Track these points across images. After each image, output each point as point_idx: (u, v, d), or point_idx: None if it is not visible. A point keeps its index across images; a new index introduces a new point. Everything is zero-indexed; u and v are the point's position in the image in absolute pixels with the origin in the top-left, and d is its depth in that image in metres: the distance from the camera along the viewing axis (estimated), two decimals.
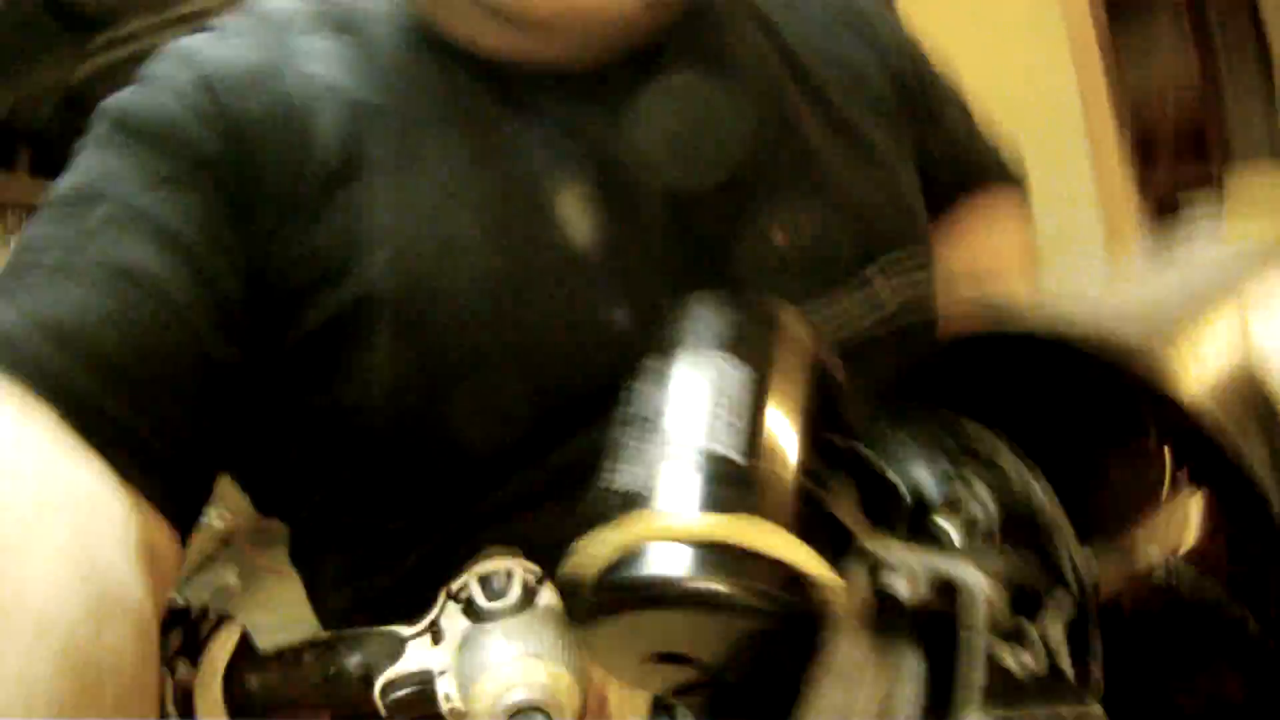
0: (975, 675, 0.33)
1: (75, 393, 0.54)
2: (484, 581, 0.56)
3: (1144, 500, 0.39)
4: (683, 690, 0.41)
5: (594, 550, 0.38)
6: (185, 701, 0.52)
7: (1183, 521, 0.38)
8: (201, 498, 0.63)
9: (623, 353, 0.46)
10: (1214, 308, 0.41)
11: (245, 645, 0.57)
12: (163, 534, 0.56)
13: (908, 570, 0.37)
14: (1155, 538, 0.38)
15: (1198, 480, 0.38)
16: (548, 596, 0.56)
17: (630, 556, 0.37)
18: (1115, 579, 0.37)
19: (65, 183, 0.63)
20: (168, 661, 0.53)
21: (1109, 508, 0.39)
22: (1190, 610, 0.37)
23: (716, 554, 0.36)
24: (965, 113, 0.94)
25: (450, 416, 0.64)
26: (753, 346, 0.43)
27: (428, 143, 0.67)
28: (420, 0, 0.71)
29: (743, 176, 0.71)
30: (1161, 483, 0.38)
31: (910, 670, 0.36)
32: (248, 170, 0.64)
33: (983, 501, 0.38)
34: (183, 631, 0.55)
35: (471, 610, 0.55)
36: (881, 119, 0.80)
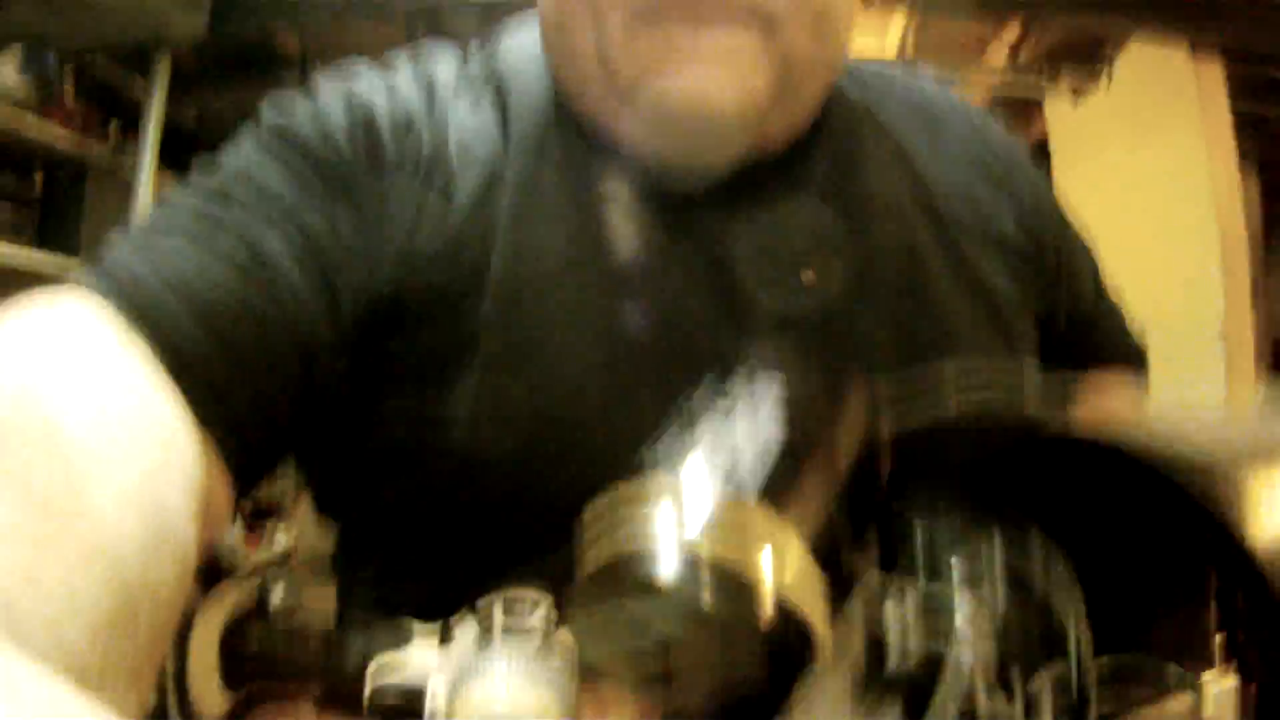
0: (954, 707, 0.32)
1: (176, 335, 0.56)
2: (508, 603, 0.55)
3: (1190, 643, 0.37)
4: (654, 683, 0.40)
5: (605, 518, 0.38)
6: (185, 625, 0.52)
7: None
8: (264, 470, 0.65)
9: (701, 417, 0.47)
10: None
11: (260, 600, 0.57)
12: (221, 488, 0.57)
13: (901, 632, 0.36)
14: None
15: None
16: (563, 641, 0.56)
17: (640, 561, 0.38)
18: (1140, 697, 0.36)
19: (222, 161, 0.68)
20: None
21: (1156, 635, 0.38)
22: None
23: (724, 575, 0.36)
24: (1109, 303, 0.93)
25: (519, 471, 0.66)
26: (800, 403, 0.44)
27: (549, 210, 0.70)
28: (563, 77, 0.74)
29: (855, 306, 0.72)
30: (1206, 633, 0.37)
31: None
32: (385, 202, 0.67)
33: (994, 564, 0.37)
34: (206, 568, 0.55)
35: (486, 629, 0.54)
36: (1009, 270, 0.79)
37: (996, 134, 0.88)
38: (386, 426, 0.69)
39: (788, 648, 0.35)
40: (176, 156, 2.73)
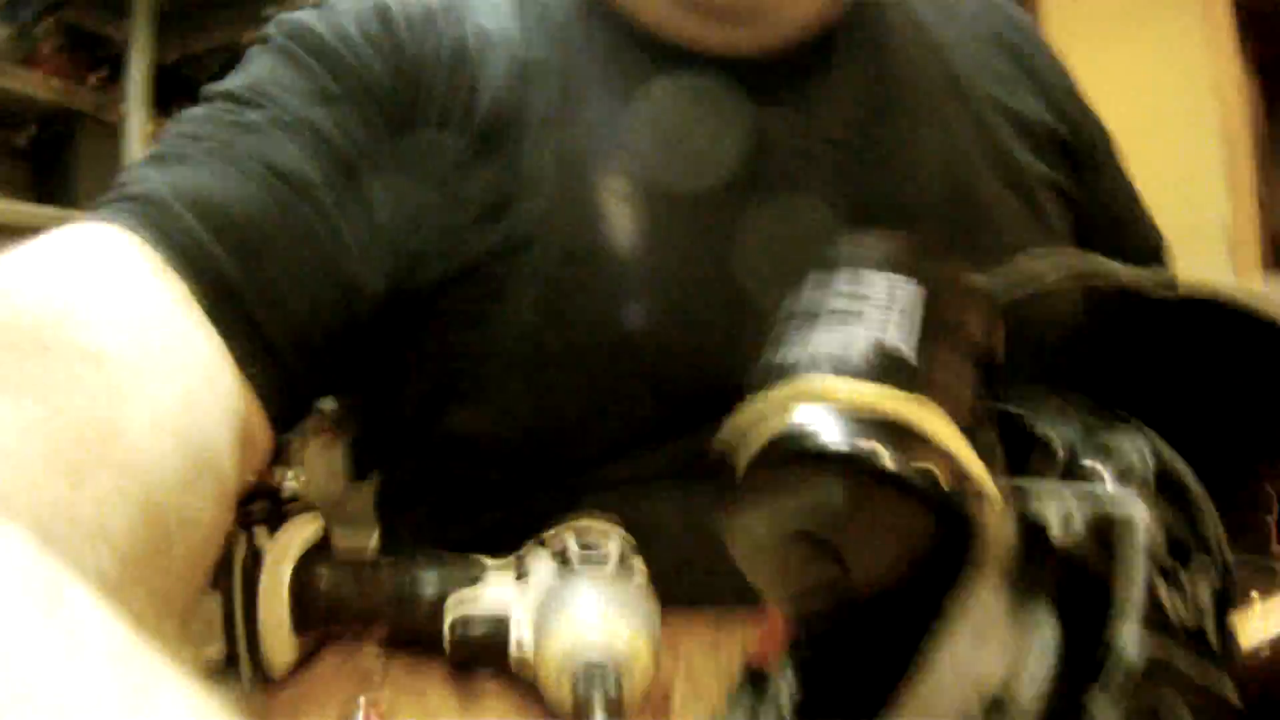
0: (1137, 596, 0.30)
1: (210, 268, 0.53)
2: (581, 539, 0.53)
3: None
4: (810, 595, 0.37)
5: (753, 411, 0.35)
6: (253, 565, 0.50)
7: None
8: (304, 406, 0.62)
9: (761, 323, 0.44)
10: None
11: (324, 543, 0.55)
12: (259, 423, 0.55)
13: (1062, 506, 0.33)
14: None
15: None
16: (640, 567, 0.54)
17: (799, 417, 0.34)
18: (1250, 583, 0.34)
19: (231, 82, 0.63)
20: (247, 524, 0.51)
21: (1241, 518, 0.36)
22: None
23: (885, 427, 0.33)
24: (1127, 183, 0.89)
25: (580, 372, 0.63)
26: (923, 271, 0.41)
27: (589, 103, 0.67)
28: None
29: (894, 188, 0.70)
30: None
31: (1045, 638, 0.33)
32: (411, 103, 0.64)
33: (1139, 450, 0.34)
34: (268, 503, 0.53)
35: (563, 559, 0.52)
36: (1036, 149, 0.77)
37: (1015, 14, 0.85)
38: (439, 342, 0.65)
39: (957, 527, 0.33)
40: (166, 99, 2.70)
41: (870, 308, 0.37)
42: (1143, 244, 0.89)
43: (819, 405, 0.33)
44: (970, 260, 0.58)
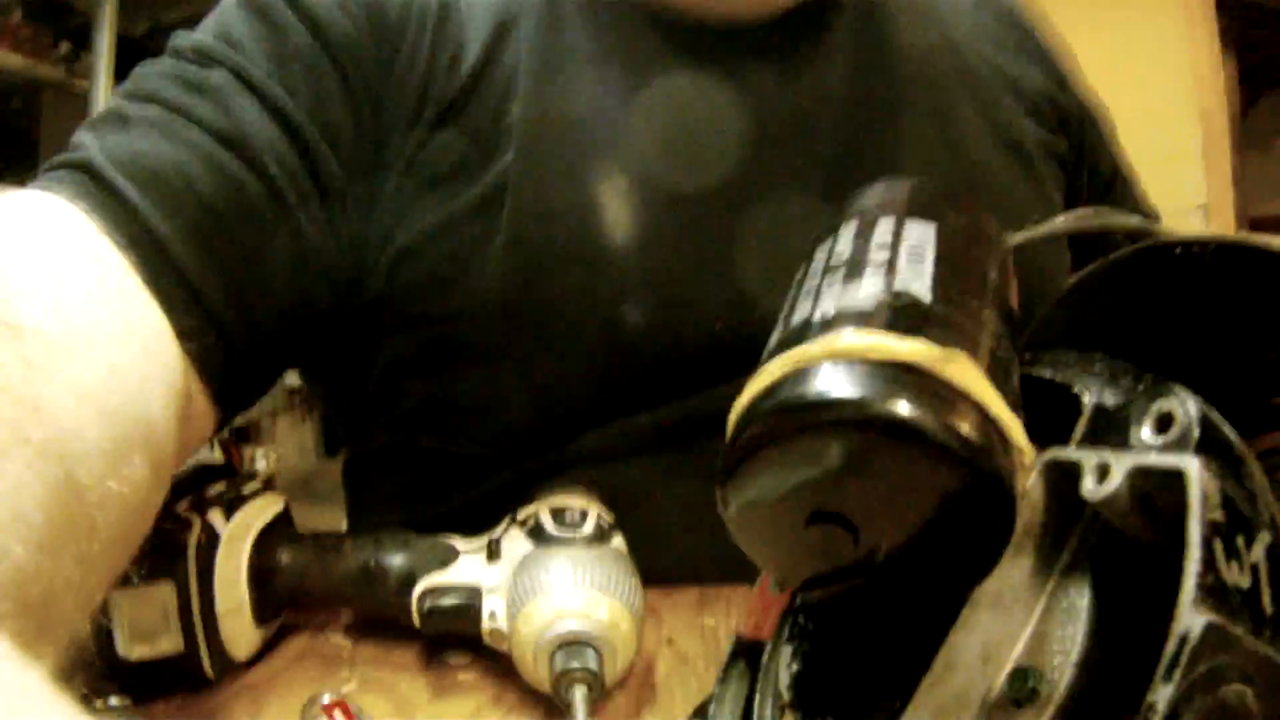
0: (1197, 566, 0.27)
1: (149, 239, 0.51)
2: (555, 512, 0.51)
3: None
4: (829, 579, 0.34)
5: (765, 374, 0.32)
6: (209, 549, 0.47)
7: None
8: (259, 379, 0.59)
9: (751, 307, 0.42)
10: None
11: (284, 520, 0.52)
12: (201, 397, 0.52)
13: (1098, 460, 0.30)
14: None
15: None
16: (619, 541, 0.51)
17: (808, 375, 0.31)
18: None
19: (190, 38, 0.61)
20: (201, 506, 0.48)
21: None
22: None
23: (911, 379, 0.30)
24: (1122, 156, 0.90)
25: (556, 324, 0.61)
26: (943, 215, 0.38)
27: (569, 59, 0.66)
28: None
29: (894, 150, 0.68)
30: None
31: (1075, 604, 0.31)
32: (387, 62, 0.62)
33: (1187, 412, 0.31)
34: (225, 485, 0.50)
35: (538, 534, 0.50)
36: (1035, 117, 0.77)
37: None
38: (409, 307, 0.63)
39: (986, 503, 0.29)
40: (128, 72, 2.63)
41: (900, 257, 0.34)
42: (1137, 211, 0.87)
43: (838, 363, 0.30)
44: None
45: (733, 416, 0.32)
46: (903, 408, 0.29)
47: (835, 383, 0.30)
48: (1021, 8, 0.83)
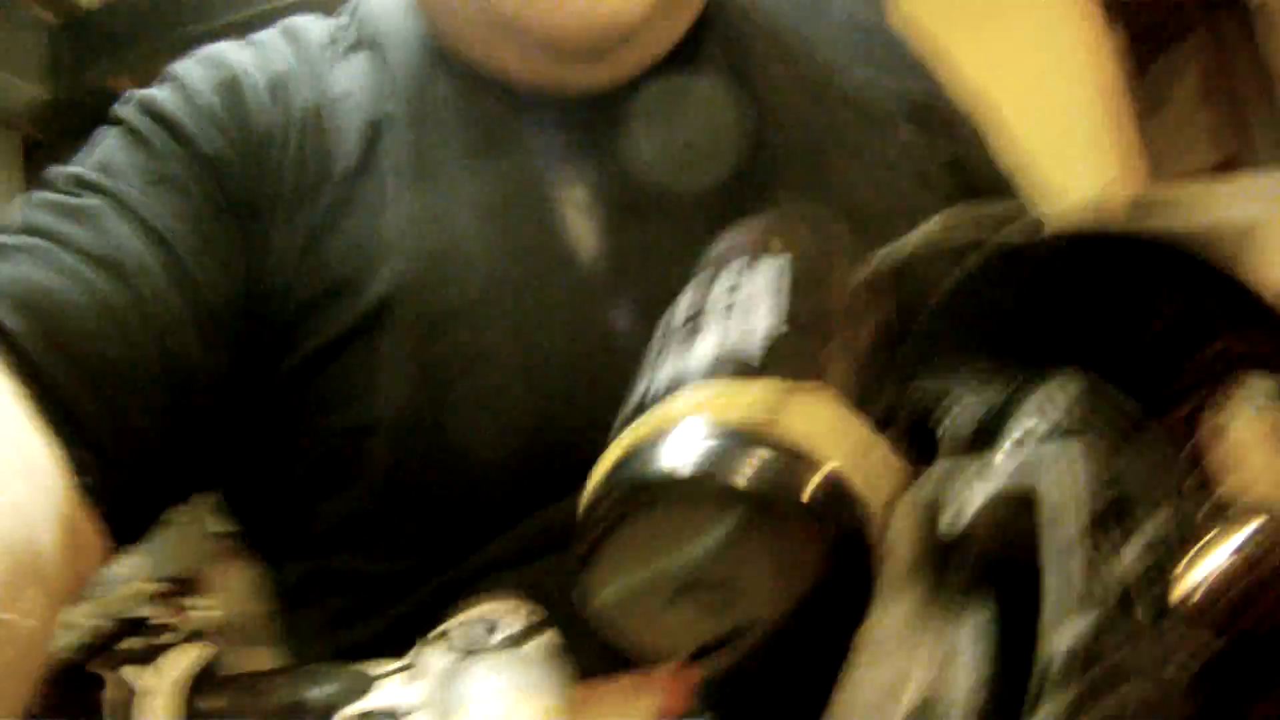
0: (1068, 587, 0.28)
1: (33, 367, 0.52)
2: (471, 623, 0.51)
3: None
4: (715, 649, 0.34)
5: (607, 458, 0.33)
6: (126, 706, 0.47)
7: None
8: (146, 513, 0.61)
9: (627, 362, 0.42)
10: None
11: (207, 669, 0.52)
12: (89, 526, 0.53)
13: (957, 493, 0.31)
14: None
15: None
16: (544, 638, 0.51)
17: (644, 453, 0.31)
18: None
19: (75, 165, 0.64)
20: (115, 664, 0.48)
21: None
22: None
23: (748, 443, 0.30)
24: (1000, 151, 0.89)
25: (458, 431, 0.61)
26: (783, 242, 0.39)
27: (440, 153, 0.67)
28: (439, 23, 0.71)
29: (753, 189, 0.69)
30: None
31: (974, 628, 0.31)
32: (258, 176, 0.64)
33: (1069, 400, 0.33)
34: (140, 639, 0.50)
35: (457, 647, 0.50)
36: (921, 138, 0.78)
37: (878, 5, 0.87)
38: (313, 424, 0.64)
39: (851, 547, 0.30)
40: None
41: (741, 305, 0.35)
42: None
43: (674, 435, 0.31)
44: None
45: (581, 508, 0.33)
46: (739, 479, 0.29)
47: (670, 458, 0.30)
48: (889, 23, 0.85)
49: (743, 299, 0.36)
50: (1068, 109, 3.17)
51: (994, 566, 0.32)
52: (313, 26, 0.73)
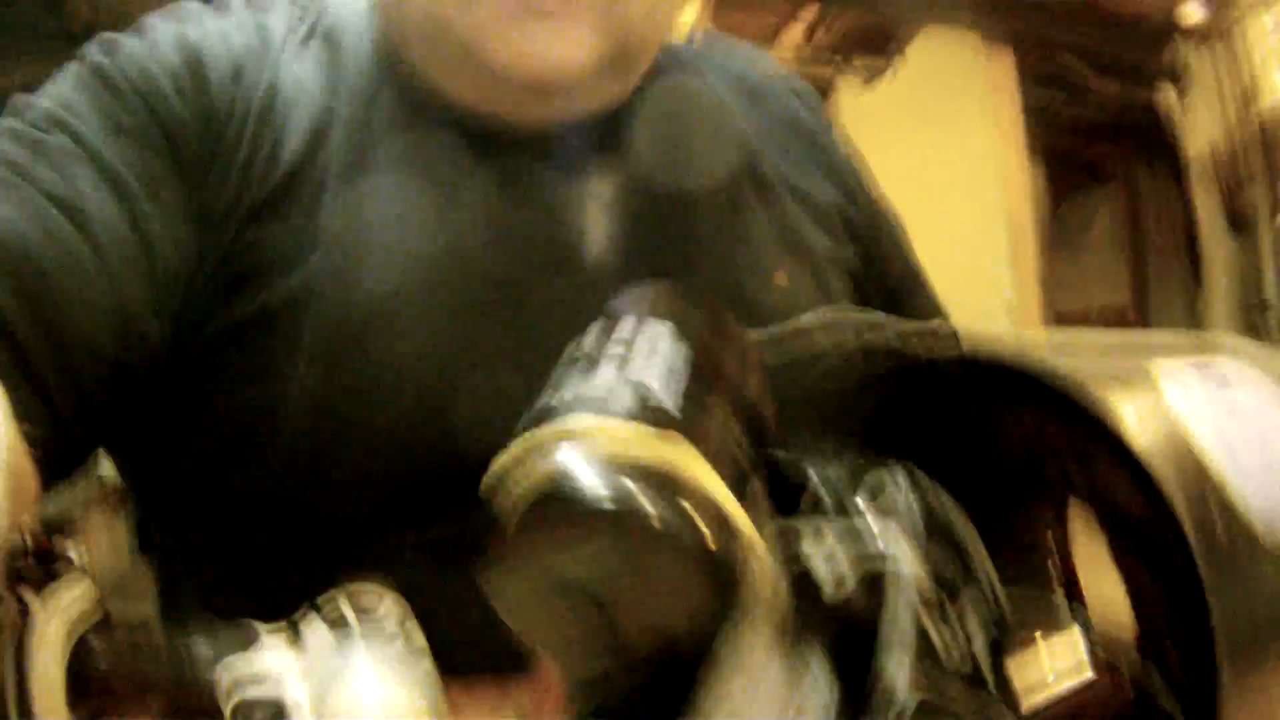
0: (904, 651, 0.32)
1: None
2: (353, 600, 0.53)
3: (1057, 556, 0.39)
4: (582, 649, 0.38)
5: (511, 456, 0.36)
6: (17, 630, 0.48)
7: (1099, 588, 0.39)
8: (77, 455, 0.62)
9: (509, 373, 0.45)
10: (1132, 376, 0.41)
11: (95, 607, 0.54)
12: (29, 469, 0.53)
13: (832, 561, 0.35)
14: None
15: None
16: (418, 637, 0.54)
17: (540, 456, 0.34)
18: (1033, 622, 0.36)
19: (35, 101, 0.65)
20: (11, 584, 0.49)
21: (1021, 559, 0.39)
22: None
23: (645, 472, 0.33)
24: (912, 261, 0.96)
25: (356, 429, 0.64)
26: (689, 320, 0.42)
27: (376, 161, 0.69)
28: (394, 33, 0.74)
29: (675, 251, 0.73)
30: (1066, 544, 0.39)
31: (820, 684, 0.34)
32: (212, 148, 0.66)
33: (903, 489, 0.37)
34: (35, 562, 0.51)
35: (338, 624, 0.52)
36: (825, 230, 0.83)
37: (811, 101, 0.92)
38: (218, 402, 0.66)
39: (724, 578, 0.34)
40: None
41: (634, 353, 0.38)
42: (923, 316, 0.92)
43: (578, 450, 0.34)
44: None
45: (489, 490, 0.36)
46: (642, 505, 0.32)
47: (565, 468, 0.33)
48: (818, 121, 0.90)
49: (638, 353, 0.39)
50: (980, 229, 3.27)
51: (850, 627, 0.36)
52: (276, 15, 0.76)
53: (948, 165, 3.43)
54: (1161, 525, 0.35)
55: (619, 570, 0.34)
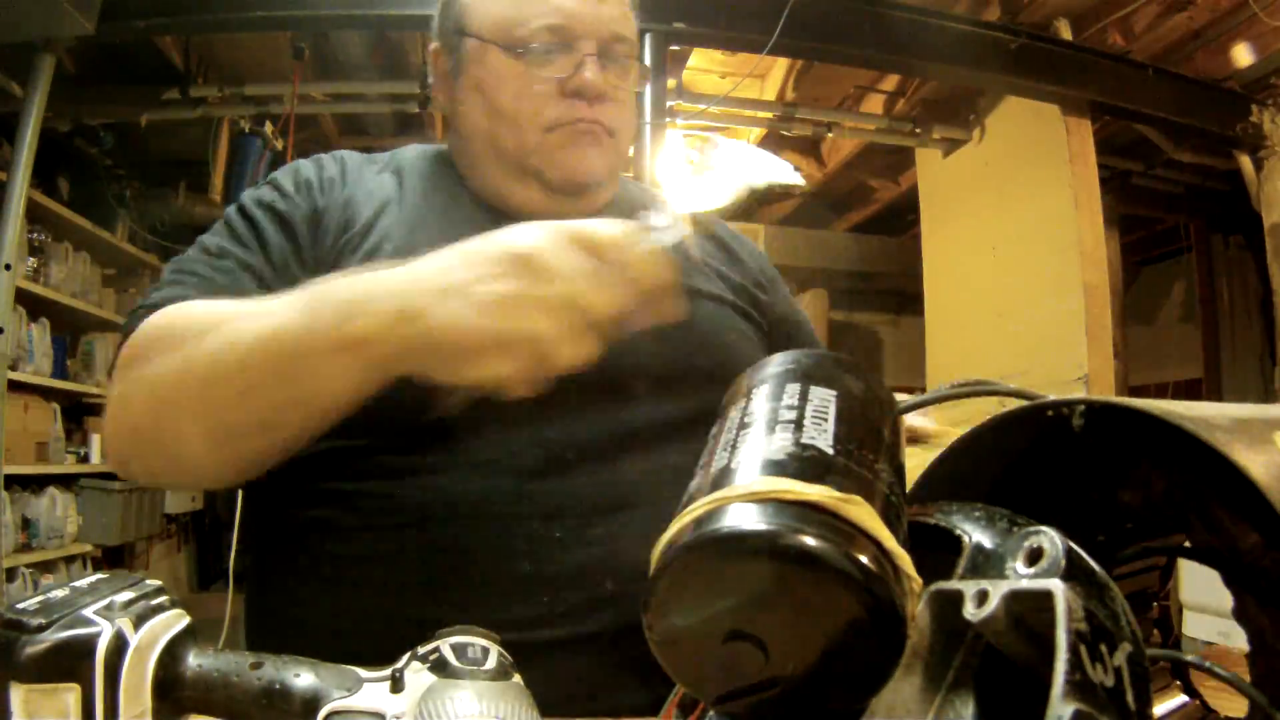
0: (1065, 665, 0.32)
1: None
2: (457, 648, 0.52)
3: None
4: (741, 694, 0.38)
5: (688, 513, 0.37)
6: (117, 655, 0.48)
7: None
8: None
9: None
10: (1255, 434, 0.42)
11: (189, 634, 0.53)
12: None
13: (978, 587, 0.36)
14: None
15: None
16: (518, 678, 0.53)
17: (725, 513, 0.36)
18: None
19: (217, 235, 0.99)
20: (111, 615, 0.49)
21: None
22: None
23: (816, 517, 0.35)
24: (802, 320, 1.24)
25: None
26: (843, 382, 0.45)
27: (425, 231, 0.96)
28: (455, 151, 1.10)
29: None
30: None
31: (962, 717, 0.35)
32: (318, 232, 0.98)
33: (1054, 545, 0.37)
34: (135, 594, 0.51)
35: (441, 668, 0.51)
36: (744, 304, 1.11)
37: (726, 227, 1.24)
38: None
39: (881, 625, 0.35)
40: (46, 169, 2.63)
41: (806, 419, 0.40)
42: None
43: (752, 503, 0.35)
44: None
45: (656, 550, 0.37)
46: (809, 540, 0.34)
47: (750, 519, 0.36)
48: (734, 238, 1.21)
49: (808, 418, 0.41)
50: (1058, 300, 3.24)
51: (993, 664, 0.37)
52: (356, 156, 1.11)
53: (1025, 235, 3.42)
54: None
55: (781, 601, 0.36)
